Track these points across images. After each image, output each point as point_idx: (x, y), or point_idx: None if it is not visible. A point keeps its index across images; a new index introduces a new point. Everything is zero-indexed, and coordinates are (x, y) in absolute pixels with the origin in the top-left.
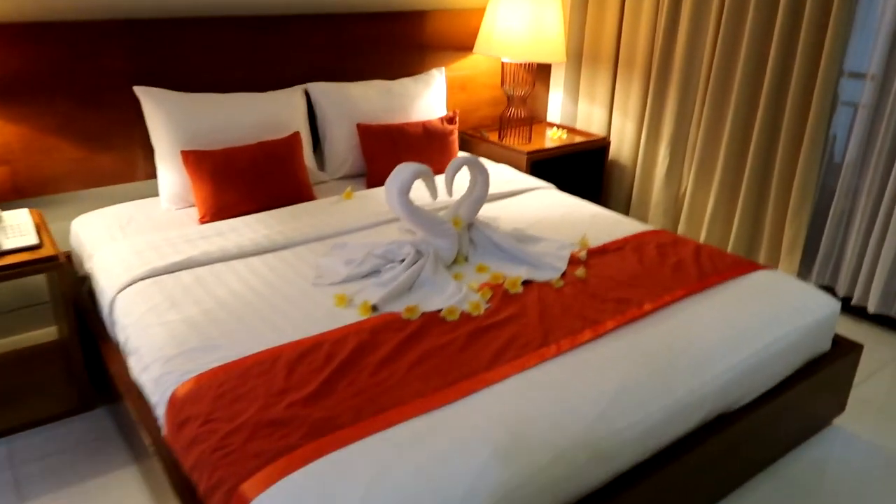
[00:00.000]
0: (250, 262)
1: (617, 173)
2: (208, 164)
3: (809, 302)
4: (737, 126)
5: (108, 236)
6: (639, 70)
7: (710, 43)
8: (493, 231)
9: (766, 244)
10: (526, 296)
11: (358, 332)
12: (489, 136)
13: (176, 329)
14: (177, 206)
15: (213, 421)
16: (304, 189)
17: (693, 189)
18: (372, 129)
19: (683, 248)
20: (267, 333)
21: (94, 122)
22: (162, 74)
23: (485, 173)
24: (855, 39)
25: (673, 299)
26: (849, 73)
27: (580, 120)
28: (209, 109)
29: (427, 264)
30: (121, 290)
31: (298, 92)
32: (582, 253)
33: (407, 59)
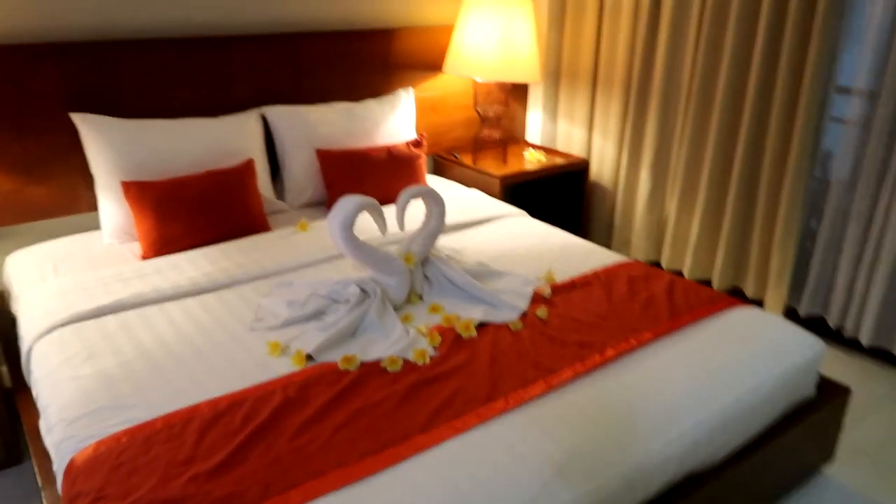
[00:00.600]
0: (186, 303)
1: (598, 197)
2: (151, 196)
3: (791, 343)
4: (719, 147)
5: (38, 275)
6: (618, 89)
7: (689, 60)
8: (450, 267)
9: (754, 272)
10: (479, 340)
11: (286, 386)
12: (462, 159)
13: (86, 385)
14: (120, 240)
15: (102, 499)
16: (257, 220)
17: (676, 214)
18: (332, 155)
19: (656, 282)
20: (186, 389)
21: (28, 151)
22: (101, 99)
23: (440, 205)
24: (845, 53)
25: (639, 343)
26: (839, 88)
27: (560, 140)
28: (153, 136)
29: (373, 306)
30: (39, 338)
31: (254, 116)
32: (546, 290)
33: (372, 80)
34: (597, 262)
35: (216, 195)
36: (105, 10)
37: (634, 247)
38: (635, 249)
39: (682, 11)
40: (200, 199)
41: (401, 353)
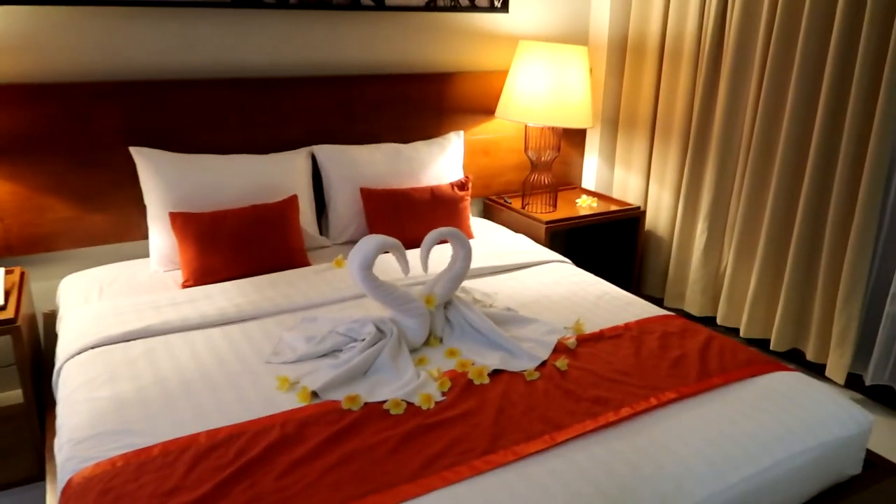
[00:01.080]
0: (210, 333)
1: (653, 247)
2: (195, 227)
3: (833, 414)
4: (780, 200)
5: (83, 298)
6: (676, 137)
7: (750, 109)
8: (472, 311)
9: (815, 334)
10: (490, 388)
11: (285, 422)
12: (512, 203)
13: (99, 407)
14: (165, 268)
15: None
16: (296, 255)
17: (733, 268)
18: (375, 194)
19: (692, 339)
20: (190, 418)
21: (89, 181)
22: (158, 135)
23: (466, 247)
24: None
25: (660, 403)
26: None
27: (616, 187)
28: (203, 171)
29: (387, 346)
30: (69, 359)
31: (303, 154)
32: (571, 340)
33: (424, 123)
34: (632, 314)
35: (258, 229)
36: (166, 52)
37: (689, 300)
38: (690, 303)
39: (743, 59)
40: (242, 231)
41: (406, 397)
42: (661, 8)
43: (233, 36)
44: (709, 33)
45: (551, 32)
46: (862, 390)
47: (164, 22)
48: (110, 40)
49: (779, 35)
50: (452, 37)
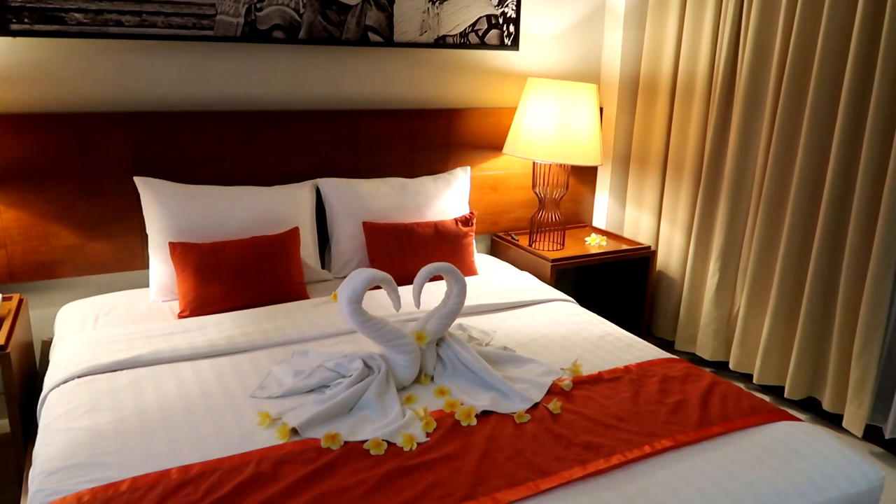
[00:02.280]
0: (199, 364)
1: (664, 288)
2: (194, 257)
3: (841, 468)
4: (794, 241)
5: (79, 326)
6: (688, 176)
7: (763, 148)
8: (466, 350)
9: (832, 382)
10: (477, 430)
11: (261, 460)
12: (520, 241)
13: (76, 438)
14: (164, 298)
15: None
16: (295, 288)
17: (746, 311)
18: (378, 228)
19: (694, 384)
20: (165, 452)
21: (94, 210)
22: (165, 166)
23: (461, 284)
24: None
25: (654, 451)
26: None
27: (627, 226)
28: (206, 201)
29: (374, 383)
30: (54, 388)
31: (307, 187)
32: (566, 381)
33: (432, 157)
34: (634, 357)
35: (258, 260)
36: (176, 84)
37: (700, 344)
38: (701, 347)
39: (755, 98)
40: (242, 263)
41: (388, 436)
42: (673, 46)
43: (242, 70)
44: (720, 71)
45: (562, 70)
46: (882, 443)
47: (175, 55)
48: (122, 72)
49: (791, 73)
50: (461, 73)
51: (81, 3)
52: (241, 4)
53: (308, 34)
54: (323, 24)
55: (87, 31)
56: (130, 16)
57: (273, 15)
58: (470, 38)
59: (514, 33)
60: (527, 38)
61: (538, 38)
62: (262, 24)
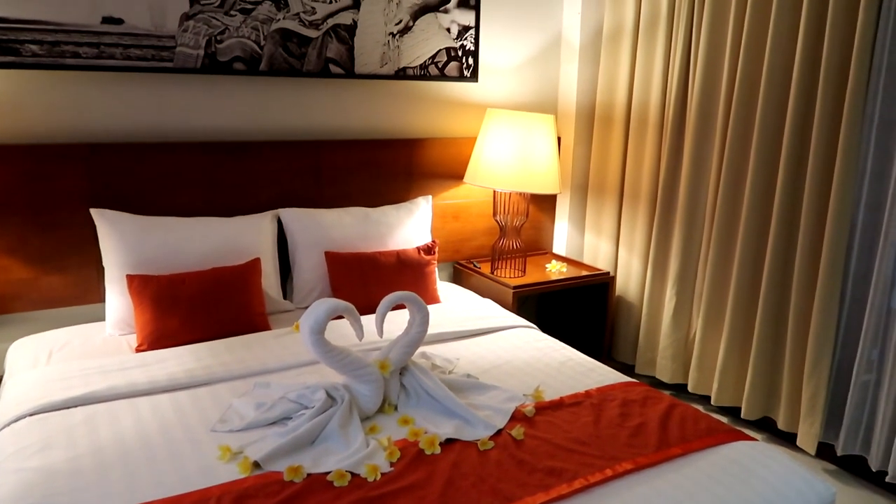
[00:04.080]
0: (157, 399)
1: (624, 313)
2: (152, 289)
3: (793, 486)
4: (745, 265)
5: (31, 362)
6: (644, 203)
7: (714, 175)
8: (429, 378)
9: (785, 402)
10: (441, 459)
11: (221, 496)
12: (482, 268)
13: (26, 478)
14: (121, 331)
15: None
16: (256, 319)
17: (702, 334)
18: (340, 257)
19: (653, 407)
20: (122, 490)
21: (47, 243)
22: (122, 197)
23: (423, 312)
24: None
25: (615, 474)
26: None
27: (587, 253)
28: (164, 233)
29: (336, 414)
30: (4, 427)
31: (268, 217)
32: (529, 407)
33: (393, 187)
34: (595, 381)
35: (217, 292)
36: (134, 115)
37: (660, 367)
38: (661, 370)
39: (705, 127)
40: (201, 295)
41: (351, 467)
42: (627, 78)
43: (203, 101)
44: (672, 102)
45: (520, 101)
46: (834, 460)
47: (134, 86)
48: (79, 103)
49: (738, 103)
50: (422, 104)
51: (37, 34)
52: (202, 37)
53: (269, 66)
54: (284, 56)
55: (43, 63)
56: (88, 47)
57: (234, 47)
58: (430, 69)
59: (473, 65)
60: (486, 69)
61: (497, 69)
62: (222, 55)
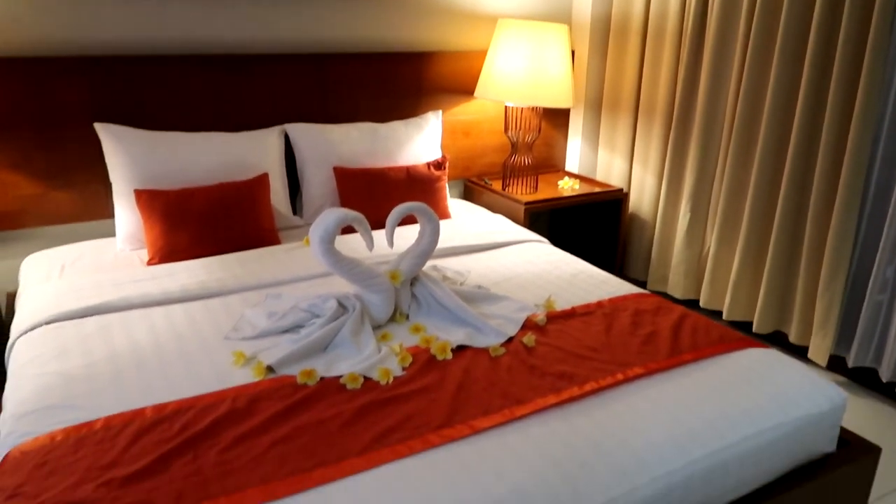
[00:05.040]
0: (171, 309)
1: (637, 230)
2: (161, 204)
3: (805, 391)
4: (762, 181)
5: (44, 276)
6: (659, 118)
7: (733, 88)
8: (440, 288)
9: (798, 316)
10: (453, 364)
11: (237, 397)
12: (493, 185)
13: (47, 382)
14: (131, 246)
15: (16, 496)
16: (267, 234)
17: (716, 250)
18: (349, 173)
19: (665, 317)
20: (138, 393)
21: (54, 158)
22: (125, 112)
23: (434, 223)
24: None
25: (626, 379)
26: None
27: (600, 169)
28: (170, 148)
29: (348, 322)
30: (21, 335)
31: (275, 133)
32: (540, 317)
33: (402, 102)
34: (606, 292)
35: (226, 207)
36: (134, 27)
37: (672, 283)
38: (673, 286)
39: (725, 39)
40: (210, 210)
41: (364, 371)
42: None
43: (206, 12)
44: (691, 12)
45: (532, 11)
46: (845, 373)
47: None
48: (79, 15)
49: (761, 13)
50: (431, 15)
51: None
52: None
53: None
54: None
55: None
56: None
57: None
58: None
59: None
60: None
61: None
62: None
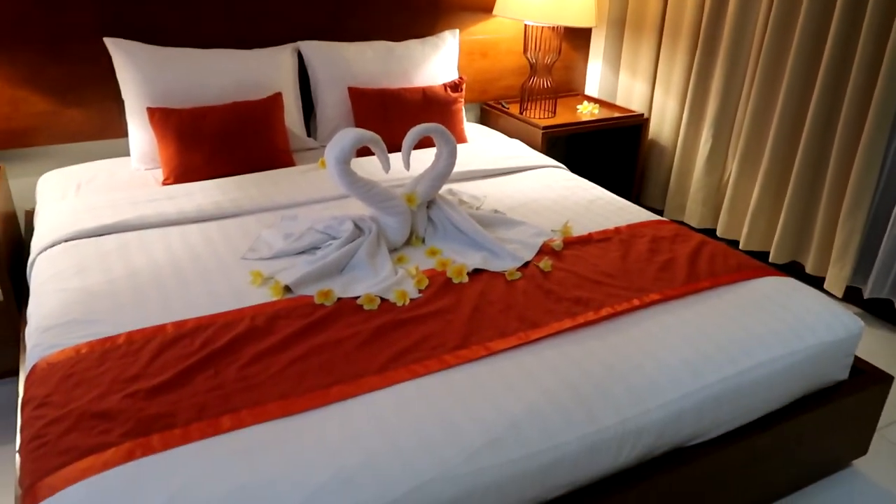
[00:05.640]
0: (187, 229)
1: (656, 157)
2: (174, 123)
3: (821, 319)
4: (788, 108)
5: (60, 194)
6: (685, 40)
7: (763, 12)
8: (456, 212)
9: (816, 247)
10: (469, 287)
11: (255, 315)
12: (510, 109)
13: (69, 298)
14: (146, 166)
15: (45, 405)
16: (281, 155)
17: (736, 178)
18: (364, 93)
19: (683, 244)
20: (158, 310)
21: (65, 74)
22: (136, 27)
23: (451, 145)
24: None
25: (642, 304)
26: None
27: (620, 94)
28: (183, 65)
29: (364, 244)
30: (41, 252)
31: (287, 51)
32: (557, 242)
33: (418, 20)
34: (623, 219)
35: (240, 127)
36: None
37: (689, 212)
38: (690, 215)
39: None
40: (224, 129)
41: (381, 293)
42: None
43: None
44: None
45: None
46: (861, 304)
47: None
48: None
49: None
50: None
51: None
52: None
53: None
54: None
55: None
56: None
57: None
58: None
59: None
60: None
61: None
62: None
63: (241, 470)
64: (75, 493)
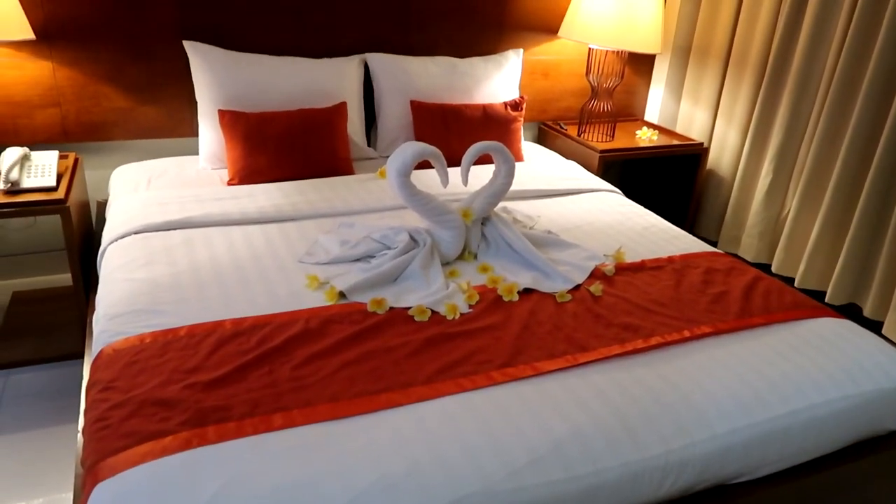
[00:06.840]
0: (248, 229)
1: (713, 187)
2: (243, 126)
3: (878, 363)
4: (856, 145)
5: (133, 187)
6: (751, 70)
7: (835, 45)
8: (510, 230)
9: (876, 290)
10: (519, 306)
11: (309, 318)
12: (568, 130)
13: (135, 288)
14: (213, 165)
15: (110, 389)
16: (342, 163)
17: (796, 213)
18: (425, 107)
19: (738, 278)
20: (218, 306)
21: (143, 73)
22: (213, 31)
23: (510, 163)
24: None
25: (693, 336)
26: None
27: (681, 121)
28: (254, 70)
29: (419, 255)
30: (112, 242)
31: (355, 62)
32: (609, 267)
33: (483, 38)
34: (678, 248)
35: (304, 133)
36: None
37: (745, 245)
38: (745, 248)
39: None
40: (289, 134)
41: (432, 305)
42: None
43: None
44: None
45: None
46: None
47: None
48: None
49: None
50: None
51: None
52: None
53: None
54: None
55: None
56: None
57: None
58: None
59: None
60: None
61: None
62: None
63: (289, 467)
64: (134, 476)
